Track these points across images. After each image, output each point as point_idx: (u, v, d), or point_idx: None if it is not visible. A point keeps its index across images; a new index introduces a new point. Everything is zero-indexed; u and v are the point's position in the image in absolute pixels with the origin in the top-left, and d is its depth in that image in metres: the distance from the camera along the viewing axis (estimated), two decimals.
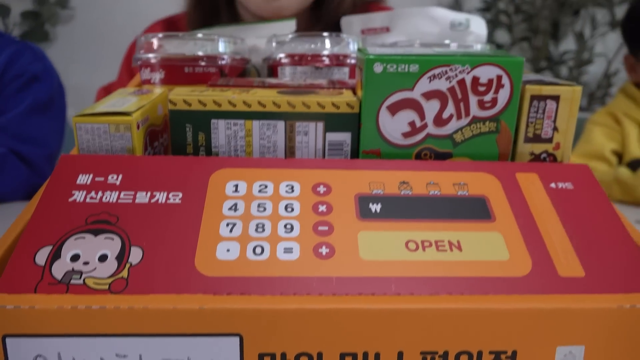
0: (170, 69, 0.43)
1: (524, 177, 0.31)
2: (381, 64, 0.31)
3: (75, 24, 1.51)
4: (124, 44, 1.51)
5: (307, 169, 0.31)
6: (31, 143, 0.82)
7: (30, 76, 0.83)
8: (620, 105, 0.96)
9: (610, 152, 0.92)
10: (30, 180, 0.81)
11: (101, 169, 0.30)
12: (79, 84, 1.51)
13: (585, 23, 1.44)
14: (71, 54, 1.52)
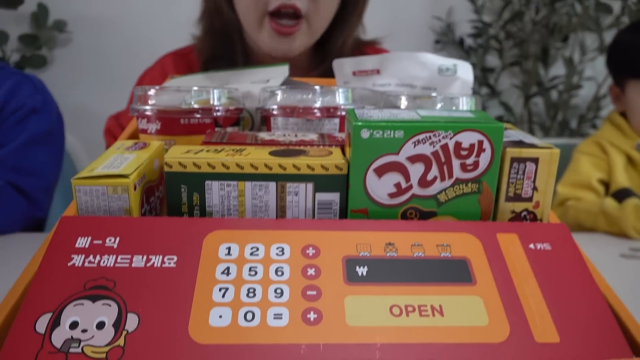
0: (167, 121, 0.45)
1: (504, 238, 0.33)
2: (368, 130, 0.33)
3: (73, 47, 1.53)
4: (122, 67, 1.53)
5: (297, 230, 0.33)
6: (29, 175, 0.83)
7: (29, 109, 0.84)
8: (606, 134, 0.98)
9: (597, 181, 0.94)
10: (27, 213, 0.81)
11: (99, 231, 0.32)
12: (77, 106, 1.53)
13: (575, 48, 1.47)
14: (69, 77, 1.53)
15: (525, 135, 0.38)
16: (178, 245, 0.31)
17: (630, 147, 0.94)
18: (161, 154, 0.40)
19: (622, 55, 0.97)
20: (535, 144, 0.35)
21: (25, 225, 0.82)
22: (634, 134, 0.96)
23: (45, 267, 0.30)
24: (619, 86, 0.99)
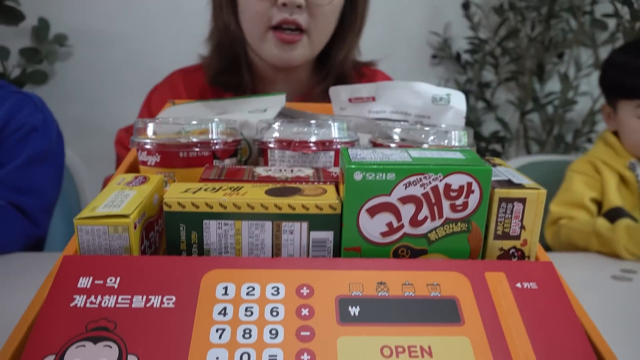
0: (166, 154, 0.46)
1: (492, 277, 0.34)
2: (361, 173, 0.34)
3: (73, 61, 1.54)
4: (121, 81, 1.55)
5: (291, 269, 0.34)
6: (29, 194, 0.84)
7: (29, 128, 0.86)
8: (599, 153, 1.00)
9: (590, 200, 0.95)
10: (28, 232, 0.82)
11: (100, 271, 0.33)
12: (77, 118, 1.55)
13: (570, 64, 1.49)
14: (69, 90, 1.55)
15: (514, 173, 0.39)
16: (177, 285, 0.32)
17: (623, 167, 0.96)
18: (160, 189, 0.41)
19: (614, 76, 0.99)
20: (523, 184, 0.36)
21: (26, 244, 0.83)
22: (627, 153, 0.97)
23: (48, 307, 0.31)
24: (610, 105, 1.01)
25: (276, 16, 0.77)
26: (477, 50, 1.47)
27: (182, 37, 1.56)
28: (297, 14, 0.77)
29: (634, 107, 0.94)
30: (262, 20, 0.78)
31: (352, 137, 0.48)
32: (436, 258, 0.36)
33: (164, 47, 1.54)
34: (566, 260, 0.81)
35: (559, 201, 0.98)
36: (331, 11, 0.80)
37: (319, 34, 0.81)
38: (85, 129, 1.56)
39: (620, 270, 0.74)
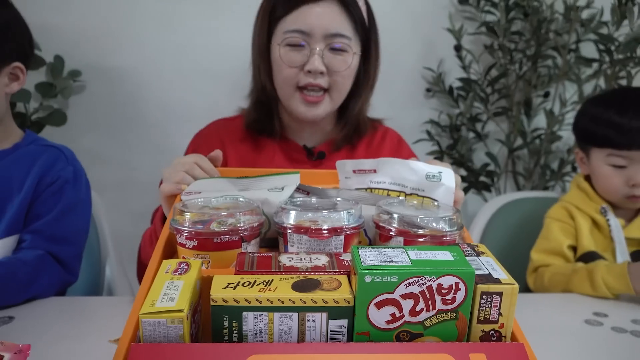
0: (202, 240, 0.55)
1: (475, 358, 0.43)
2: (370, 276, 0.43)
3: (86, 94, 1.62)
4: (132, 113, 1.62)
5: (314, 353, 0.42)
6: (64, 243, 0.92)
7: (62, 181, 0.94)
8: (573, 199, 1.09)
9: (567, 247, 1.04)
10: (63, 278, 0.90)
11: (163, 357, 0.41)
12: (90, 149, 1.63)
13: (556, 100, 1.59)
14: (83, 122, 1.62)
15: (494, 265, 0.48)
16: None
17: (595, 211, 1.05)
18: (200, 275, 0.50)
19: (587, 125, 1.08)
20: (500, 279, 0.45)
21: (59, 290, 0.91)
22: (598, 198, 1.06)
23: None
24: (583, 151, 1.10)
25: (302, 80, 0.94)
26: (468, 90, 1.57)
27: (189, 72, 1.65)
28: (320, 79, 0.94)
29: (604, 156, 1.03)
30: (291, 83, 0.95)
31: (358, 222, 0.57)
32: (430, 340, 0.45)
33: (171, 81, 1.63)
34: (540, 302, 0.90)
35: (539, 249, 1.07)
36: (347, 75, 0.96)
37: (338, 92, 0.98)
38: (97, 159, 1.64)
39: (592, 314, 0.83)
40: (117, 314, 0.76)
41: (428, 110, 1.71)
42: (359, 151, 1.07)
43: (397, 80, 1.68)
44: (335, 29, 0.93)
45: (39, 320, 0.75)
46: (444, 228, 0.55)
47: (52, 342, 0.67)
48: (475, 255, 0.50)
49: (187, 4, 1.58)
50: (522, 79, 1.57)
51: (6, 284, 0.78)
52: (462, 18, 1.65)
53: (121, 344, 0.45)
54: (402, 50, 1.66)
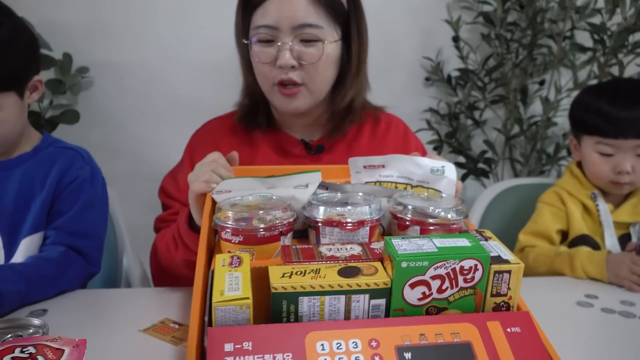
0: (247, 236, 0.64)
1: (491, 325, 0.54)
2: (406, 262, 0.53)
3: (94, 89, 1.70)
4: (140, 107, 1.70)
5: (362, 328, 0.53)
6: (85, 237, 1.01)
7: (81, 179, 1.02)
8: (565, 184, 1.19)
9: (556, 232, 1.14)
10: (87, 270, 1.00)
11: (237, 338, 0.51)
12: (99, 142, 1.71)
13: (551, 87, 1.69)
14: (92, 116, 1.70)
15: (501, 248, 0.59)
16: (290, 345, 0.51)
17: (586, 197, 1.15)
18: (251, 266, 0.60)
19: (579, 113, 1.18)
20: (509, 260, 0.56)
21: (85, 281, 1.00)
22: (589, 184, 1.16)
23: None
24: (576, 138, 1.20)
25: (276, 76, 0.96)
26: (466, 80, 1.66)
27: (194, 65, 1.73)
28: (292, 73, 0.95)
29: (593, 143, 1.13)
30: (267, 79, 0.97)
31: (379, 214, 0.67)
32: (453, 313, 0.56)
33: (177, 74, 1.71)
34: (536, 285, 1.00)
35: (527, 231, 1.17)
36: (323, 65, 0.96)
37: (315, 84, 0.97)
38: (107, 152, 1.71)
39: (584, 296, 0.93)
40: (141, 305, 0.87)
41: (427, 99, 1.81)
42: (362, 142, 1.07)
43: (397, 70, 1.77)
44: (303, 19, 0.92)
45: (70, 312, 0.84)
46: (452, 217, 0.65)
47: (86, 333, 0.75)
48: (484, 240, 0.60)
49: None
50: (518, 67, 1.67)
51: (36, 283, 0.86)
52: (460, 8, 1.74)
53: (191, 333, 0.54)
54: (401, 41, 1.75)
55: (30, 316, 0.79)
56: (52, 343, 0.48)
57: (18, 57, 0.91)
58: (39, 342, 0.47)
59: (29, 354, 0.46)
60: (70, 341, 0.54)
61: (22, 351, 0.46)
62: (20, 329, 0.58)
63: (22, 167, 0.99)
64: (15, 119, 0.94)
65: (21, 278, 0.84)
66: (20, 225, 0.97)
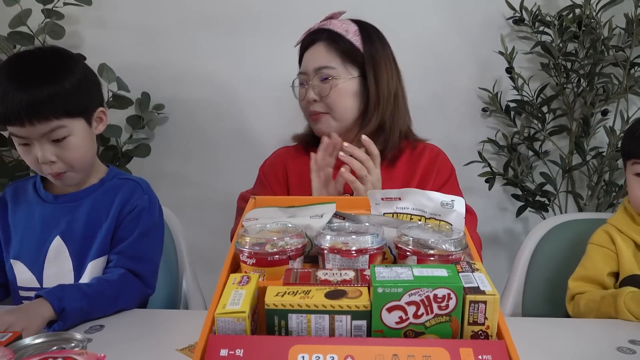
0: (259, 259, 0.75)
1: (464, 351, 0.59)
2: (382, 288, 0.61)
3: (169, 124, 1.93)
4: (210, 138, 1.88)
5: (341, 345, 0.60)
6: (142, 261, 1.16)
7: (140, 209, 1.18)
8: (617, 221, 1.16)
9: (607, 275, 1.11)
10: (143, 292, 1.14)
11: (232, 345, 0.61)
12: (172, 171, 1.93)
13: (617, 116, 1.65)
14: (166, 148, 1.93)
15: (484, 279, 0.64)
16: (276, 354, 0.60)
17: (638, 233, 1.11)
18: (257, 286, 0.70)
19: (623, 140, 1.16)
20: (485, 291, 0.61)
21: (141, 301, 1.14)
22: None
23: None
24: (624, 168, 1.17)
25: (307, 108, 1.31)
26: (521, 111, 1.67)
27: (256, 102, 1.90)
28: (315, 106, 1.28)
29: (631, 165, 1.11)
30: (306, 112, 1.33)
31: (380, 243, 0.74)
32: (430, 338, 0.62)
33: (242, 110, 1.89)
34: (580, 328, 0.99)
35: (577, 277, 1.14)
36: (337, 96, 1.27)
37: (338, 112, 1.28)
38: (178, 181, 1.93)
39: (628, 341, 0.91)
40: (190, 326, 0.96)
41: (485, 130, 1.83)
42: (399, 165, 1.30)
43: (454, 101, 1.83)
44: (320, 62, 1.26)
45: (123, 329, 0.97)
46: (449, 248, 0.71)
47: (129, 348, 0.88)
48: (471, 272, 0.65)
49: (254, 39, 1.83)
50: (580, 96, 1.65)
51: (97, 301, 1.01)
52: (518, 38, 1.76)
53: (201, 336, 0.65)
54: (457, 72, 1.81)
55: (88, 331, 0.95)
56: (79, 356, 0.58)
57: (86, 92, 1.11)
58: (68, 355, 0.57)
59: None
60: (93, 355, 0.62)
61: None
62: (64, 342, 0.69)
63: (90, 197, 1.17)
64: (86, 145, 1.12)
65: (84, 296, 0.99)
66: (88, 250, 1.14)
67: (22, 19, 1.63)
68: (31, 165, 1.10)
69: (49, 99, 1.03)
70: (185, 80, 1.88)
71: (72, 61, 1.11)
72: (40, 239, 1.14)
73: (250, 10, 1.83)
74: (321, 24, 1.32)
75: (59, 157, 1.07)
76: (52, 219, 1.15)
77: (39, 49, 1.17)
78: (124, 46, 1.85)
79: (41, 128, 1.03)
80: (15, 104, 1.01)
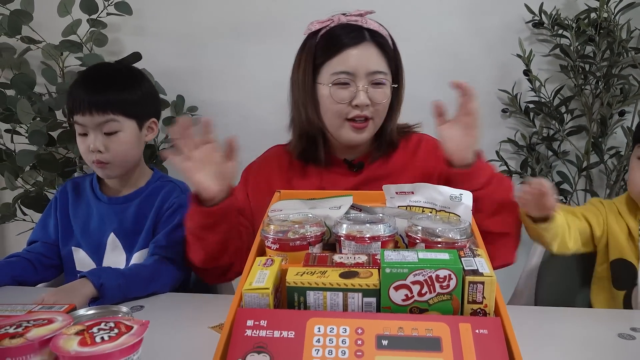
0: (282, 244, 0.82)
1: (462, 326, 0.65)
2: (389, 268, 0.68)
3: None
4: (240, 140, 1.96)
5: (353, 318, 0.67)
6: (175, 248, 1.25)
7: (176, 206, 1.30)
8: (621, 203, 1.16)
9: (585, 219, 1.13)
10: (176, 273, 1.23)
11: (256, 317, 0.69)
12: None
13: (634, 118, 1.67)
14: None
15: (483, 263, 0.70)
16: (295, 325, 0.67)
17: (634, 221, 1.12)
18: (280, 268, 0.77)
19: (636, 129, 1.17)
20: (483, 273, 0.67)
21: (176, 284, 1.23)
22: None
23: (235, 335, 0.68)
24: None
25: (351, 113, 1.16)
26: (541, 110, 1.71)
27: (282, 103, 1.98)
28: (366, 110, 1.16)
29: (637, 148, 1.12)
30: (340, 116, 1.17)
31: (392, 232, 0.81)
32: (433, 314, 0.68)
33: (269, 112, 1.98)
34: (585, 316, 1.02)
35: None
36: (386, 103, 1.19)
37: (379, 118, 1.20)
38: None
39: (629, 329, 0.94)
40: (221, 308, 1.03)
41: (506, 130, 1.87)
42: (394, 159, 1.25)
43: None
44: (375, 67, 1.15)
45: (161, 309, 1.07)
46: (455, 237, 0.77)
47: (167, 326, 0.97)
48: (472, 257, 0.71)
49: (281, 44, 1.91)
50: (598, 97, 1.68)
51: (133, 280, 1.12)
52: (537, 41, 1.80)
53: (231, 309, 0.73)
54: (478, 74, 1.85)
55: (131, 310, 1.04)
56: (126, 321, 0.67)
57: (144, 102, 1.28)
58: (117, 320, 0.66)
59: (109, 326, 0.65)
60: (138, 321, 0.70)
61: (106, 324, 0.66)
62: (112, 313, 0.78)
63: (138, 199, 1.31)
64: (132, 144, 1.26)
65: (121, 275, 1.11)
66: (135, 243, 1.29)
67: (73, 28, 1.76)
68: (82, 154, 1.27)
69: (111, 98, 1.22)
70: (217, 84, 1.98)
71: (140, 76, 1.32)
72: (99, 233, 1.31)
73: (277, 17, 1.91)
74: (353, 19, 1.19)
75: (106, 147, 1.23)
76: (107, 218, 1.31)
77: (118, 62, 1.37)
78: (161, 52, 1.96)
79: (98, 118, 1.21)
80: (83, 99, 1.20)
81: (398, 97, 1.23)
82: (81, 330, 0.59)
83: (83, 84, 1.24)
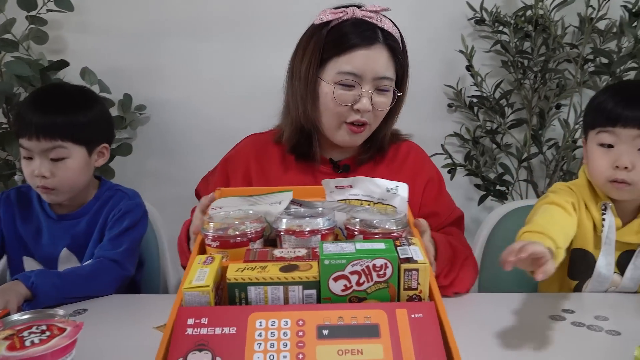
0: (223, 242, 0.83)
1: (399, 312, 0.67)
2: (328, 260, 0.69)
3: (151, 124, 2.00)
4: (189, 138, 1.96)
5: (293, 311, 0.69)
6: (118, 249, 1.24)
7: (123, 212, 1.28)
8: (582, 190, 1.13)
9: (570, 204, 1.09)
10: (119, 274, 1.20)
11: (197, 315, 0.69)
12: (154, 169, 2.00)
13: (571, 110, 1.76)
14: (148, 147, 2.00)
15: (417, 251, 0.72)
16: (236, 321, 0.68)
17: (597, 210, 1.11)
18: (221, 265, 0.77)
19: (586, 112, 1.15)
20: (418, 260, 0.70)
21: (120, 284, 1.21)
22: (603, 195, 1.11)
23: (176, 334, 0.67)
24: (585, 140, 1.15)
25: (351, 117, 1.13)
26: (481, 105, 1.77)
27: (233, 100, 1.98)
28: (366, 116, 1.13)
29: (595, 134, 1.08)
30: (339, 118, 1.14)
31: (331, 225, 0.83)
32: (371, 302, 0.70)
33: (218, 109, 1.97)
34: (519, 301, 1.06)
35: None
36: (387, 110, 1.16)
37: (375, 124, 1.17)
38: (159, 178, 2.00)
39: (561, 310, 0.99)
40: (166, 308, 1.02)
41: (452, 124, 1.93)
42: (381, 167, 1.23)
43: (421, 97, 1.92)
44: (383, 72, 1.09)
45: (105, 312, 1.05)
46: (391, 227, 0.80)
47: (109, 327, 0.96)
48: (407, 245, 0.74)
49: (231, 41, 1.91)
50: (536, 91, 1.75)
51: (69, 281, 1.08)
52: (479, 37, 1.86)
53: (172, 309, 0.73)
54: (423, 70, 1.89)
55: (72, 314, 1.02)
56: (60, 324, 0.65)
57: (95, 128, 1.25)
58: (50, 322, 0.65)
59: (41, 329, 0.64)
60: (72, 323, 0.70)
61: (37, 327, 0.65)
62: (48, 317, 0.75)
63: (89, 214, 1.29)
64: (80, 171, 1.23)
65: (55, 275, 1.09)
66: (86, 251, 1.28)
67: (7, 27, 1.69)
68: (27, 177, 1.22)
69: (59, 124, 1.17)
70: (165, 82, 1.96)
71: (92, 100, 1.28)
72: (52, 248, 1.28)
73: (226, 13, 1.90)
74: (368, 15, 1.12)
75: (52, 173, 1.19)
76: (58, 235, 1.29)
77: (70, 85, 1.31)
78: (106, 50, 1.92)
79: (45, 144, 1.16)
80: (30, 122, 1.15)
81: (398, 105, 1.20)
82: (11, 335, 0.58)
83: (32, 105, 1.19)
